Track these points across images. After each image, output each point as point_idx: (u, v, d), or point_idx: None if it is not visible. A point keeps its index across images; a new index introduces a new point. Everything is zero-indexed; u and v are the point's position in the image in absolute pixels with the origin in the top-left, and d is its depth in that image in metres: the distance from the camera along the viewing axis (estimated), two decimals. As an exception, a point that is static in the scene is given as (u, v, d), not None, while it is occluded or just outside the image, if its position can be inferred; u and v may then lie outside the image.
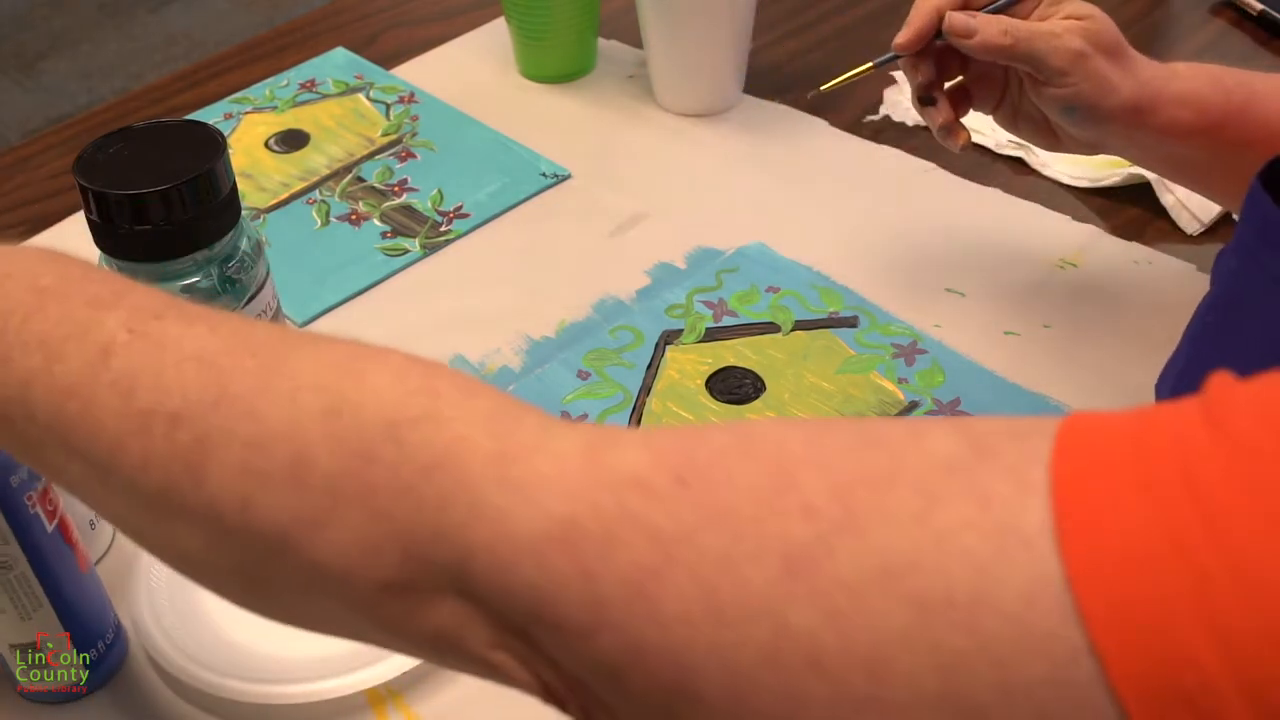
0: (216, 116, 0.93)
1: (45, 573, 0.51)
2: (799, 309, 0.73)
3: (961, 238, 0.78)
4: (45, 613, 0.51)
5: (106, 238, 0.58)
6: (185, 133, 0.61)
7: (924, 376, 0.68)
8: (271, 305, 0.64)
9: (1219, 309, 0.51)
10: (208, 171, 0.58)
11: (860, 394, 0.68)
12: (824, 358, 0.70)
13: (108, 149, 0.59)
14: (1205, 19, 0.98)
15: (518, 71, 0.97)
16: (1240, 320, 0.49)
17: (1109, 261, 0.76)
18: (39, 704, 0.55)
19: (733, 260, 0.77)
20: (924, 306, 0.73)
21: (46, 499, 0.50)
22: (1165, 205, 0.79)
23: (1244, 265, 0.48)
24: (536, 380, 0.69)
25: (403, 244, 0.80)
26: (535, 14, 0.92)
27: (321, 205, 0.84)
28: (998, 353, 0.70)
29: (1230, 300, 0.50)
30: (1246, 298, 0.48)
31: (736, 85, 0.91)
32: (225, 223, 0.60)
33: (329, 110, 0.93)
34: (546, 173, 0.86)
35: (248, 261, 0.61)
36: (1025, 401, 0.67)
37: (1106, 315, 0.72)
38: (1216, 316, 0.51)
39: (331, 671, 0.54)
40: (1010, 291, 0.74)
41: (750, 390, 0.68)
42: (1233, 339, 0.49)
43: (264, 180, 0.86)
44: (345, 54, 1.00)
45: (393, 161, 0.87)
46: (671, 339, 0.72)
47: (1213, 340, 0.51)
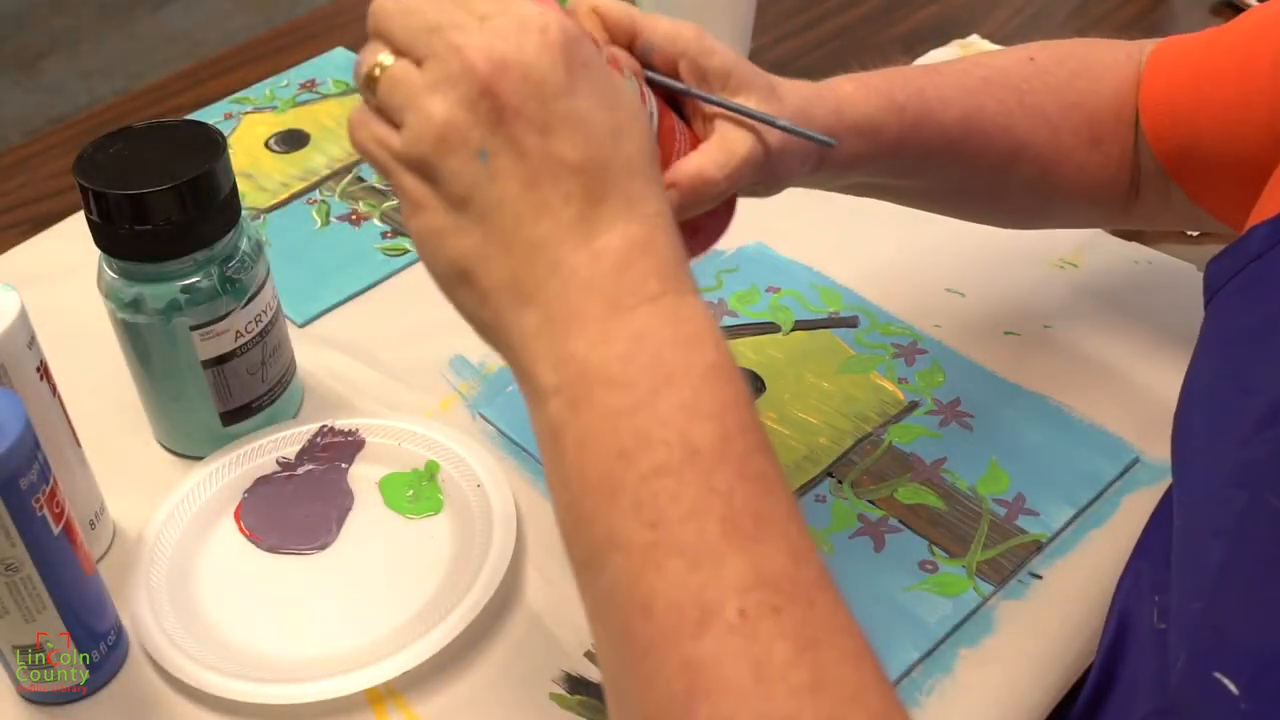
0: (216, 116, 0.93)
1: (51, 575, 0.51)
2: (799, 309, 0.73)
3: (961, 238, 0.78)
4: (49, 614, 0.51)
5: (106, 238, 0.58)
6: (185, 133, 0.61)
7: (924, 376, 0.69)
8: (271, 305, 0.64)
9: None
10: (208, 171, 0.58)
11: (860, 394, 0.68)
12: (824, 358, 0.70)
13: (108, 149, 0.59)
14: (1205, 19, 0.99)
15: (518, 71, 0.97)
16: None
17: (1109, 261, 0.76)
18: (40, 704, 0.55)
19: (733, 260, 0.77)
20: (924, 306, 0.73)
21: (54, 501, 0.50)
22: (1165, 205, 0.79)
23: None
24: (536, 380, 0.69)
25: (403, 244, 0.80)
26: (535, 14, 0.92)
27: (321, 205, 0.84)
28: (998, 353, 0.70)
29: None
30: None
31: (736, 85, 0.91)
32: (225, 223, 0.60)
33: (329, 110, 0.93)
34: (546, 173, 0.86)
35: (248, 261, 0.61)
36: (1025, 401, 0.67)
37: (1106, 315, 0.72)
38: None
39: (331, 671, 0.54)
40: (1010, 291, 0.74)
41: (750, 390, 0.68)
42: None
43: (264, 180, 0.86)
44: (345, 54, 1.00)
45: (393, 161, 0.87)
46: (671, 339, 0.71)
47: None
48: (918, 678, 0.55)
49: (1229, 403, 0.45)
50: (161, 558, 0.59)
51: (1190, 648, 0.42)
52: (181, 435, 0.66)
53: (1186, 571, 0.45)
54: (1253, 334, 0.45)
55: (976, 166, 0.59)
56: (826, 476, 0.63)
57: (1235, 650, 0.39)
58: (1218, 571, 0.41)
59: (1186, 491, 0.47)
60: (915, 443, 0.65)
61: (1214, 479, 0.44)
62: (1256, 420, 0.42)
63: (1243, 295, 0.46)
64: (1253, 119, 0.54)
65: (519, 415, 0.67)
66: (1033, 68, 0.61)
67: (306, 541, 0.61)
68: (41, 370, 0.56)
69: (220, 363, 0.62)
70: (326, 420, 0.66)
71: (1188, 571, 0.45)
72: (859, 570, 0.58)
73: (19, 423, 0.48)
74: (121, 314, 0.60)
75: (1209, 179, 0.59)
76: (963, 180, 0.60)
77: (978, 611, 0.57)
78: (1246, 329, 0.45)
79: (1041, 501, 0.61)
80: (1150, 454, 0.64)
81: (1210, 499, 0.44)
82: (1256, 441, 0.42)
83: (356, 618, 0.57)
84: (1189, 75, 0.59)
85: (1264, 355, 0.43)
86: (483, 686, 0.55)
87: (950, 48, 0.97)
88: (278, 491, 0.63)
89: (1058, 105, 0.60)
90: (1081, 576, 0.58)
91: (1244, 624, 0.40)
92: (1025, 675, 0.55)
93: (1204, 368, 0.49)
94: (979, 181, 0.61)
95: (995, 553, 0.59)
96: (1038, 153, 0.60)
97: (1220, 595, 0.41)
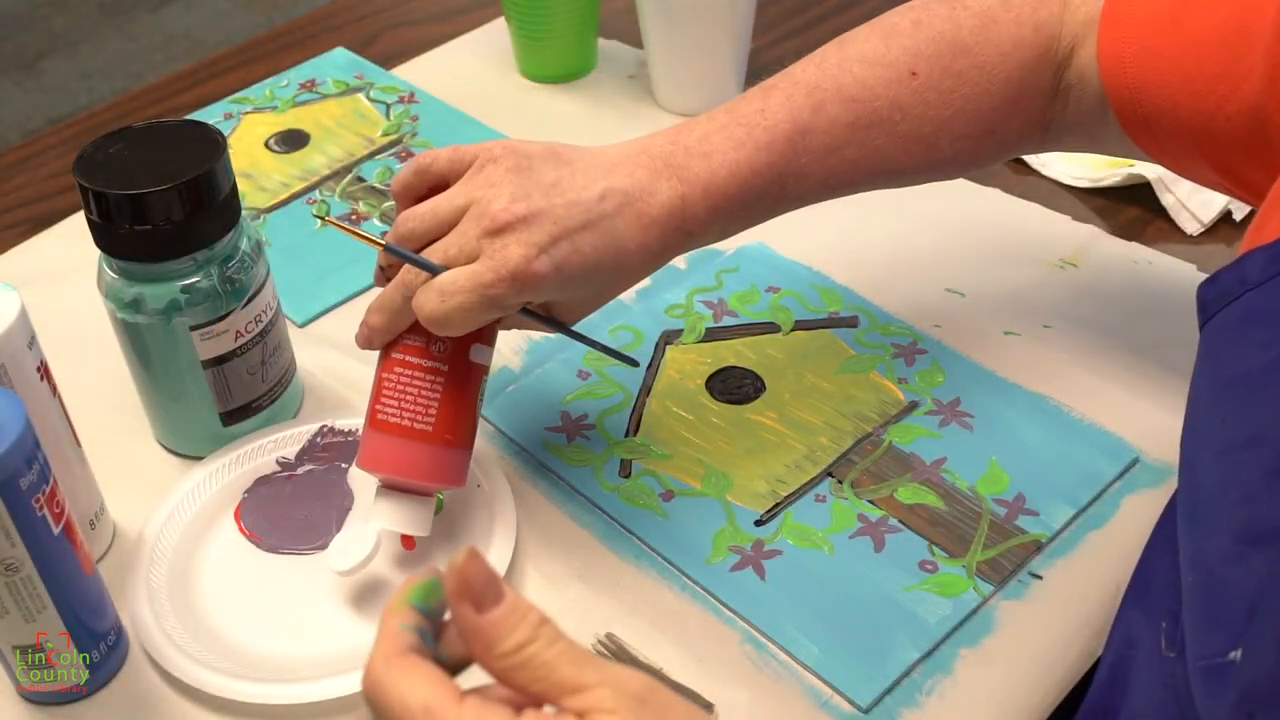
0: (216, 116, 0.93)
1: (50, 575, 0.51)
2: (799, 309, 0.73)
3: (961, 238, 0.78)
4: (49, 614, 0.51)
5: (106, 238, 0.58)
6: (185, 133, 0.61)
7: (924, 376, 0.69)
8: (271, 305, 0.64)
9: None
10: (208, 171, 0.58)
11: (860, 394, 0.68)
12: (824, 358, 0.70)
13: (108, 149, 0.59)
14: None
15: (518, 71, 0.97)
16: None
17: (1109, 261, 0.76)
18: (40, 704, 0.55)
19: (733, 260, 0.77)
20: (924, 306, 0.73)
21: (54, 501, 0.50)
22: (1165, 205, 0.79)
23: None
24: (536, 380, 0.69)
25: (403, 244, 0.80)
26: (535, 14, 0.92)
27: (321, 205, 0.84)
28: (998, 353, 0.70)
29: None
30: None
31: (736, 85, 0.91)
32: (225, 223, 0.60)
33: (329, 110, 0.93)
34: (546, 173, 0.86)
35: (248, 261, 0.61)
36: (1025, 401, 0.67)
37: (1106, 315, 0.72)
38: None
39: (331, 671, 0.54)
40: (1010, 291, 0.74)
41: (750, 390, 0.68)
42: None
43: (264, 180, 0.86)
44: (345, 54, 1.00)
45: (393, 161, 0.87)
46: (671, 339, 0.72)
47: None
48: (918, 678, 0.55)
49: (1234, 456, 0.43)
50: (161, 558, 0.59)
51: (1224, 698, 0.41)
52: (181, 435, 0.66)
53: (1212, 633, 0.44)
54: (1260, 380, 0.43)
55: (863, 188, 0.62)
56: (826, 476, 0.63)
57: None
58: (1256, 657, 0.41)
59: (1200, 553, 0.45)
60: (915, 443, 0.65)
61: (1227, 538, 0.43)
62: (1267, 473, 0.41)
63: (1242, 332, 0.45)
64: (1238, 95, 0.52)
65: (519, 415, 0.67)
66: (913, 86, 0.59)
67: (306, 541, 0.61)
68: (41, 370, 0.56)
69: (220, 363, 0.62)
70: (326, 420, 0.66)
71: (1214, 633, 0.43)
72: (859, 570, 0.58)
73: (19, 423, 0.48)
74: (121, 314, 0.60)
75: (1167, 140, 0.58)
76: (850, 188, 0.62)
77: (978, 611, 0.57)
78: (1251, 374, 0.43)
79: (1041, 501, 0.61)
80: (1150, 454, 0.64)
81: (1227, 559, 0.43)
82: (1269, 495, 0.41)
83: (356, 618, 0.57)
84: (1163, 39, 0.56)
85: (1271, 403, 0.42)
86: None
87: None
88: (278, 491, 0.63)
89: (933, 125, 0.60)
90: (1081, 577, 0.58)
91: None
92: (1025, 675, 0.55)
93: (1204, 411, 0.47)
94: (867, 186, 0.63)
95: (995, 553, 0.59)
96: (918, 167, 0.61)
97: (1259, 683, 0.40)
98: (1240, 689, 0.40)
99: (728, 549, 0.60)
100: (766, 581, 0.58)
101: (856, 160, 0.59)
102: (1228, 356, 0.46)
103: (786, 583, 0.58)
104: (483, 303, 0.51)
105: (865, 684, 0.54)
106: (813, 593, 0.58)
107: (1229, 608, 0.42)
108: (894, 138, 0.59)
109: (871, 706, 0.53)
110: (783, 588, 0.58)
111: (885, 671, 0.54)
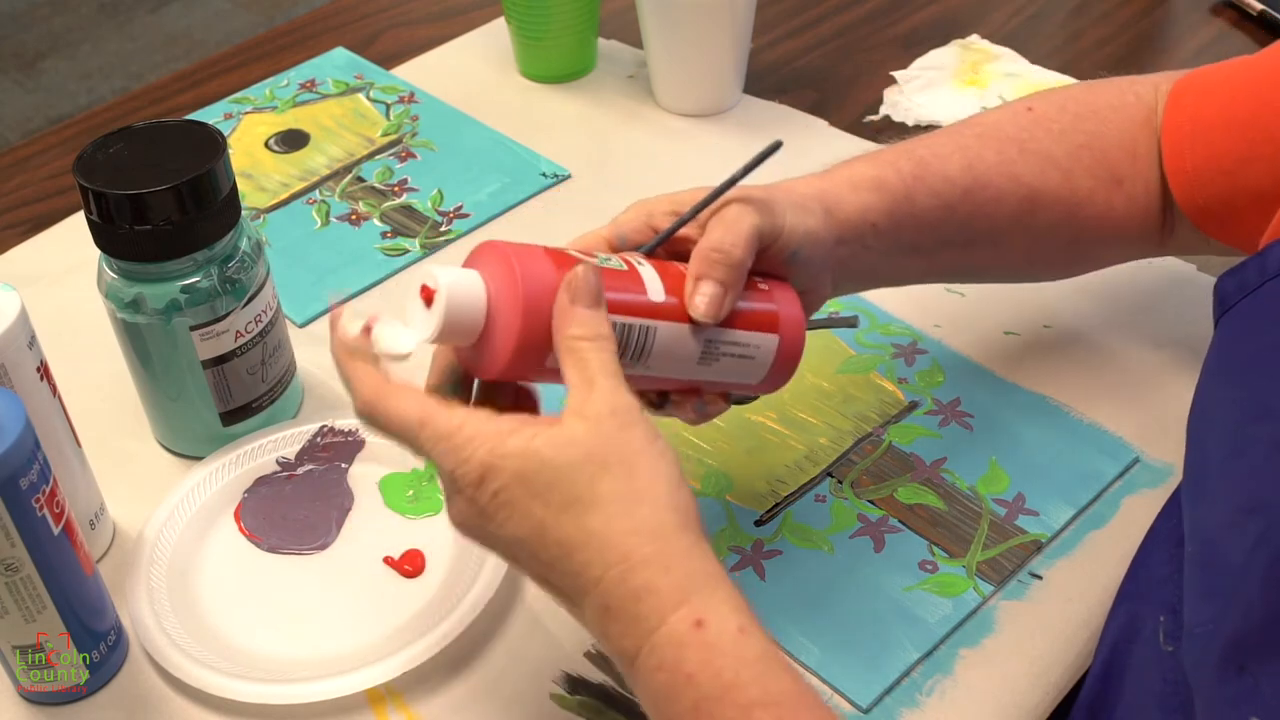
0: (216, 116, 0.93)
1: (51, 575, 0.51)
2: (799, 309, 0.73)
3: (961, 238, 0.78)
4: (49, 614, 0.51)
5: (106, 238, 0.58)
6: (185, 133, 0.61)
7: (924, 376, 0.69)
8: (271, 305, 0.64)
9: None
10: (208, 171, 0.58)
11: (860, 394, 0.68)
12: (824, 358, 0.70)
13: (108, 149, 0.59)
14: (1205, 19, 0.98)
15: (518, 71, 0.97)
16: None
17: (1109, 261, 0.76)
18: (40, 704, 0.55)
19: (733, 260, 0.77)
20: (924, 306, 0.73)
21: (54, 501, 0.50)
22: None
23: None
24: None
25: (403, 244, 0.80)
26: (535, 14, 0.92)
27: (321, 205, 0.84)
28: (998, 353, 0.70)
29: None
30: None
31: (736, 85, 0.91)
32: (225, 223, 0.60)
33: (329, 110, 0.93)
34: (546, 173, 0.86)
35: (248, 261, 0.61)
36: (1025, 401, 0.67)
37: (1106, 315, 0.72)
38: None
39: (331, 671, 0.54)
40: (1010, 291, 0.74)
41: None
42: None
43: (264, 180, 0.86)
44: (345, 54, 1.00)
45: (393, 161, 0.88)
46: (671, 339, 0.71)
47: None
48: (918, 678, 0.55)
49: (1244, 430, 0.44)
50: (161, 558, 0.59)
51: (1218, 685, 0.42)
52: (181, 435, 0.66)
53: (1205, 601, 0.44)
54: (1270, 357, 0.44)
55: (995, 218, 0.59)
56: (826, 476, 0.63)
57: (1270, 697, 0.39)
58: (1244, 612, 0.41)
59: (1201, 522, 0.46)
60: (915, 443, 0.65)
61: (1228, 508, 0.43)
62: (1274, 444, 0.41)
63: (1259, 316, 0.45)
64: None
65: (519, 415, 0.67)
66: (1030, 118, 0.60)
67: (306, 541, 0.61)
68: (41, 370, 0.56)
69: (220, 363, 0.62)
70: (326, 420, 0.66)
71: (1206, 601, 0.44)
72: (859, 570, 0.58)
73: (19, 423, 0.48)
74: (121, 314, 0.60)
75: (1234, 225, 0.58)
76: (990, 233, 0.59)
77: (978, 611, 0.57)
78: (1265, 350, 0.44)
79: (1041, 501, 0.61)
80: (1150, 454, 0.64)
81: (1226, 527, 0.43)
82: (1272, 466, 0.41)
83: (356, 618, 0.57)
84: (1218, 127, 0.57)
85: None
86: (483, 686, 0.55)
87: (950, 48, 0.97)
88: (278, 491, 0.63)
89: (1064, 149, 0.59)
90: (1081, 577, 0.58)
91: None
92: (1025, 675, 0.55)
93: (1216, 391, 0.48)
94: (1005, 233, 0.60)
95: (995, 553, 0.59)
96: (1055, 196, 0.59)
97: (1249, 634, 0.41)
98: (1232, 642, 0.41)
99: (728, 549, 0.60)
100: (766, 581, 0.58)
101: (993, 163, 0.60)
102: (1245, 340, 0.46)
103: (786, 583, 0.58)
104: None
105: (865, 684, 0.54)
106: (813, 593, 0.58)
107: (1225, 574, 0.42)
108: (1025, 152, 0.60)
109: (871, 706, 0.53)
110: (783, 588, 0.58)
111: (885, 671, 0.54)
